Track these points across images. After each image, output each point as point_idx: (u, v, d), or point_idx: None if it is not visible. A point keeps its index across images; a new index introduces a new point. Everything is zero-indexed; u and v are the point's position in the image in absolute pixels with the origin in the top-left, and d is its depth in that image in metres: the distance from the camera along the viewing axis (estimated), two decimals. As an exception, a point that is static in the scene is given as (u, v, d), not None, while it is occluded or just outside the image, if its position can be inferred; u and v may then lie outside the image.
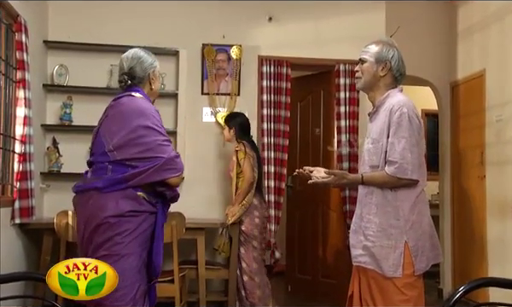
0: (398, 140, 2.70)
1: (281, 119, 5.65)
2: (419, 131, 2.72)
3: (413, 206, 2.73)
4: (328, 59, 5.78)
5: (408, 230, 2.71)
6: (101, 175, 2.75)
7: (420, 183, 2.74)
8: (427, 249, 2.74)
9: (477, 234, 5.80)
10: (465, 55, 6.27)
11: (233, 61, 5.59)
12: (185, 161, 5.29)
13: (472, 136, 6.03)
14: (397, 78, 2.86)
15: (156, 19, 5.53)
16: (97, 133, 2.90)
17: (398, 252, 2.71)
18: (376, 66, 2.87)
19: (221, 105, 5.58)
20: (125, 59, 3.08)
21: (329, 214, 5.92)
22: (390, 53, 2.87)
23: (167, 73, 5.45)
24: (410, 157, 2.68)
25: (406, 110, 2.71)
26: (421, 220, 2.74)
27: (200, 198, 5.43)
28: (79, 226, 2.81)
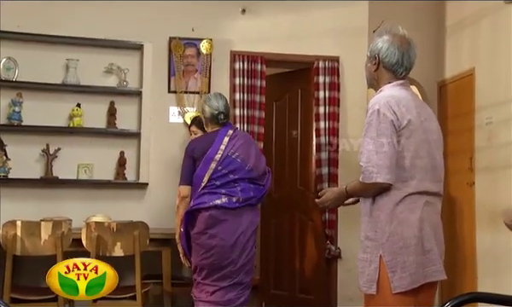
0: (367, 142, 2.69)
1: (255, 120, 5.66)
2: (393, 129, 2.66)
3: (390, 215, 2.68)
4: (307, 55, 5.81)
5: (384, 243, 2.67)
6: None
7: (401, 188, 2.67)
8: (411, 265, 2.64)
9: (466, 245, 5.83)
10: (454, 52, 6.30)
11: (203, 57, 5.60)
12: (150, 165, 5.39)
13: (460, 140, 6.04)
14: (393, 70, 2.84)
15: (119, 9, 5.48)
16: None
17: (373, 267, 2.69)
18: (370, 62, 2.91)
19: (190, 104, 5.58)
20: (221, 98, 4.34)
21: (308, 224, 5.93)
22: (378, 44, 2.86)
23: (130, 69, 5.45)
24: (376, 159, 2.63)
25: (378, 107, 2.69)
26: (401, 232, 2.66)
27: (165, 206, 5.37)
28: (228, 239, 4.01)
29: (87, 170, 5.37)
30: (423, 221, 2.69)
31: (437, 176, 2.79)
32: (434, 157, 2.78)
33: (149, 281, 4.77)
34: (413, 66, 2.91)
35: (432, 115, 2.91)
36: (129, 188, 5.48)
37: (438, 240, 2.76)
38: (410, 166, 2.68)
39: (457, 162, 6.07)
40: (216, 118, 4.26)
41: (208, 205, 3.99)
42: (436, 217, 2.78)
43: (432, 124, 2.84)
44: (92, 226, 4.38)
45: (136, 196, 5.47)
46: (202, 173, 4.06)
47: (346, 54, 5.85)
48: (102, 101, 5.43)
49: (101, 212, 4.94)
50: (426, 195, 2.72)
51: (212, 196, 4.02)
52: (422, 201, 2.71)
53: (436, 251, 2.71)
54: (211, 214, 4.01)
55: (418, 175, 2.70)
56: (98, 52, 5.44)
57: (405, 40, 2.87)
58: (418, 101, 2.88)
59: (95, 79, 5.41)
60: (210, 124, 4.30)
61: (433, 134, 2.82)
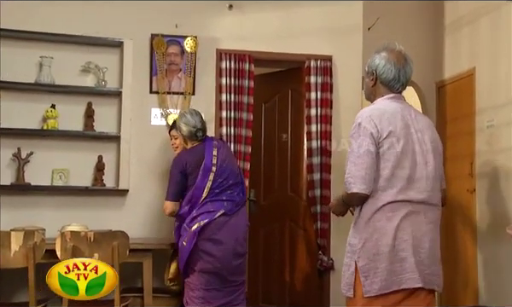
0: (349, 153, 3.05)
1: (242, 123, 5.63)
2: (372, 141, 2.97)
3: (367, 223, 3.00)
4: (298, 53, 5.78)
5: (360, 249, 3.01)
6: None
7: (378, 197, 2.98)
8: (382, 272, 2.95)
9: (466, 255, 5.84)
10: (453, 51, 6.33)
11: (187, 55, 5.57)
12: (130, 171, 5.39)
13: (460, 144, 6.08)
14: (390, 86, 3.15)
15: (97, 3, 5.43)
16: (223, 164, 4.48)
17: (351, 271, 3.05)
18: (368, 78, 3.24)
19: (173, 106, 5.55)
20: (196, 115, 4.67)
21: (299, 233, 5.91)
22: (376, 61, 3.19)
23: (109, 68, 5.40)
24: (354, 170, 2.97)
25: (360, 120, 3.04)
26: (376, 239, 2.97)
27: (147, 214, 5.39)
28: (230, 238, 4.39)
29: (62, 176, 5.31)
30: (400, 230, 2.97)
31: (426, 185, 3.05)
32: (423, 167, 3.05)
33: (129, 295, 4.73)
34: (409, 81, 3.23)
35: (428, 125, 3.19)
36: (107, 195, 5.43)
37: (418, 249, 3.00)
38: (390, 176, 2.98)
39: (457, 167, 6.10)
40: (195, 136, 4.61)
41: (218, 214, 4.38)
42: (422, 227, 3.03)
43: (426, 134, 3.13)
44: (67, 236, 4.31)
45: (116, 204, 5.42)
46: (203, 184, 4.41)
47: (339, 53, 5.83)
48: (79, 101, 5.38)
49: (77, 221, 4.87)
50: (409, 205, 3.00)
51: (216, 204, 4.42)
52: (404, 210, 2.98)
53: (411, 260, 2.96)
54: (217, 221, 4.38)
55: (399, 184, 2.99)
56: (74, 49, 5.39)
57: (402, 56, 3.20)
58: (410, 113, 3.15)
59: (71, 79, 5.36)
60: (189, 141, 4.64)
61: (425, 144, 3.10)
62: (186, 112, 4.71)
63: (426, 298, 3.06)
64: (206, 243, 4.37)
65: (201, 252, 4.38)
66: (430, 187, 3.07)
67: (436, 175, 3.12)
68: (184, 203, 4.48)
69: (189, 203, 4.45)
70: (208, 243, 4.37)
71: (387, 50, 3.21)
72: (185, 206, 4.47)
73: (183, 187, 4.49)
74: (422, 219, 3.04)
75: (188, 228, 4.40)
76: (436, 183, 3.12)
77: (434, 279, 3.10)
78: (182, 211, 4.48)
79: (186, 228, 4.42)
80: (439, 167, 3.16)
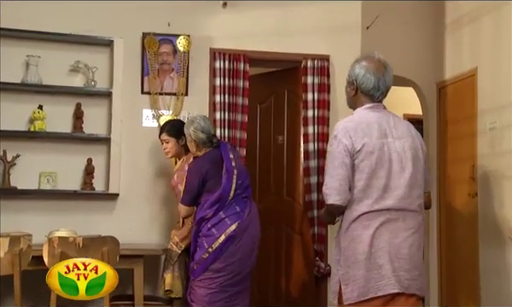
0: (326, 166, 3.27)
1: (237, 125, 5.62)
2: (347, 154, 3.17)
3: (346, 232, 3.22)
4: (294, 53, 5.77)
5: (340, 258, 3.26)
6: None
7: (354, 207, 3.18)
8: (360, 280, 3.15)
9: (468, 262, 5.82)
10: (454, 51, 6.32)
11: (180, 55, 5.55)
12: (121, 174, 5.39)
13: (462, 147, 6.08)
14: (370, 95, 3.32)
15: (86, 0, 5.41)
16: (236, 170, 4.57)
17: (335, 280, 3.29)
18: (349, 87, 3.40)
19: (165, 107, 5.54)
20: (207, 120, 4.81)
21: (295, 238, 5.90)
22: (356, 70, 3.35)
23: (99, 68, 5.37)
24: (330, 181, 3.20)
25: (336, 133, 3.25)
26: (353, 248, 3.18)
27: (138, 218, 5.38)
28: (249, 243, 4.50)
29: (50, 180, 5.28)
30: (376, 237, 3.15)
31: (404, 192, 3.20)
32: (400, 174, 3.20)
33: (119, 303, 4.72)
34: (390, 89, 3.37)
35: (408, 132, 3.32)
36: (97, 200, 5.41)
37: (395, 256, 3.15)
38: (365, 187, 3.17)
39: (458, 171, 6.11)
40: (210, 142, 4.68)
41: (245, 214, 4.52)
42: (400, 233, 3.18)
43: (405, 141, 3.27)
44: (55, 242, 4.26)
45: (106, 208, 5.41)
46: (229, 186, 4.50)
47: (336, 52, 5.82)
48: (67, 102, 5.36)
49: (65, 226, 4.85)
50: (386, 213, 3.17)
51: (240, 204, 4.54)
52: (380, 219, 3.16)
53: (388, 268, 3.13)
54: (241, 221, 4.48)
55: (375, 194, 3.17)
56: (63, 48, 5.37)
57: (381, 65, 3.34)
58: (389, 121, 3.30)
59: (59, 78, 5.34)
60: (203, 148, 4.69)
61: (404, 151, 3.24)
62: (196, 119, 4.73)
63: (406, 303, 3.19)
64: (230, 245, 4.44)
65: (225, 253, 4.44)
66: (408, 194, 3.22)
67: (415, 181, 3.26)
68: (208, 206, 4.49)
69: (215, 205, 4.47)
70: (232, 244, 4.44)
71: (367, 59, 3.36)
72: (208, 209, 4.48)
73: (199, 193, 4.55)
74: (401, 226, 3.19)
75: (216, 232, 4.44)
76: (415, 190, 3.26)
77: (415, 283, 3.20)
78: (203, 213, 4.49)
79: (213, 232, 4.44)
80: (419, 173, 3.29)
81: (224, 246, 4.41)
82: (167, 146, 5.02)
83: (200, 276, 4.45)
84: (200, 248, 4.46)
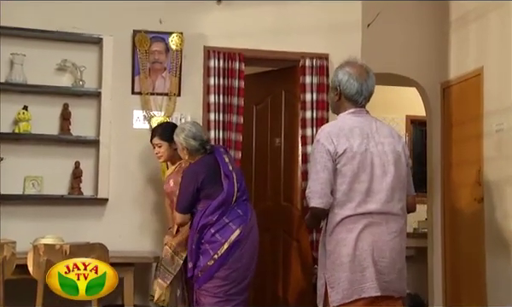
0: (309, 170, 3.53)
1: (232, 127, 5.61)
2: (329, 158, 3.37)
3: (330, 236, 3.42)
4: (292, 52, 5.77)
5: (326, 261, 3.45)
6: None
7: (337, 211, 3.37)
8: (344, 282, 3.35)
9: (474, 270, 5.82)
10: (459, 49, 6.32)
11: (172, 53, 5.55)
12: (110, 178, 5.40)
13: (467, 149, 6.08)
14: (354, 100, 3.54)
15: (74, -3, 5.45)
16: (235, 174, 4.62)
17: (321, 283, 3.48)
18: (332, 93, 3.63)
19: (157, 108, 5.53)
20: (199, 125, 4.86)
21: (292, 245, 5.88)
22: (339, 76, 3.57)
23: (87, 67, 5.37)
24: (312, 185, 3.40)
25: (319, 137, 3.46)
26: (339, 251, 3.38)
27: (128, 224, 5.37)
28: (251, 248, 4.54)
29: (35, 184, 5.27)
30: (360, 240, 3.35)
31: (386, 196, 3.40)
32: (382, 179, 3.40)
33: (108, 313, 4.73)
34: (372, 94, 3.60)
35: (390, 136, 3.54)
36: (85, 205, 5.41)
37: (378, 258, 3.36)
38: (348, 190, 3.37)
39: (463, 175, 6.13)
40: (203, 149, 4.71)
41: (248, 217, 4.58)
42: (383, 236, 3.39)
43: (387, 146, 3.48)
44: (41, 249, 4.23)
45: (94, 214, 5.40)
46: (232, 190, 4.55)
47: (336, 51, 5.77)
48: (54, 103, 5.35)
49: (51, 233, 4.84)
50: (369, 216, 3.37)
51: (242, 207, 4.59)
52: (363, 222, 3.36)
53: (372, 270, 3.33)
54: (245, 225, 4.53)
55: (357, 198, 3.37)
56: (49, 46, 5.36)
57: (363, 70, 3.57)
58: (372, 126, 3.51)
59: (45, 78, 5.33)
60: (195, 155, 4.71)
61: (386, 155, 3.45)
62: (187, 125, 4.78)
63: (387, 304, 3.41)
64: (236, 250, 4.48)
65: (229, 257, 4.46)
66: (390, 197, 3.42)
67: (397, 185, 3.46)
68: (210, 211, 4.50)
69: (218, 210, 4.50)
70: (238, 249, 4.48)
71: (349, 65, 3.58)
72: (211, 215, 4.50)
73: (194, 200, 4.58)
74: (384, 229, 3.40)
75: (220, 237, 4.46)
76: (397, 193, 3.46)
77: (392, 286, 3.42)
78: (206, 220, 4.49)
79: (217, 238, 4.46)
80: (401, 177, 3.49)
81: (231, 252, 4.44)
82: (160, 150, 5.00)
83: (206, 284, 4.46)
84: (204, 255, 4.47)
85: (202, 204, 4.55)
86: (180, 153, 4.80)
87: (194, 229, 4.56)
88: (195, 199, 4.57)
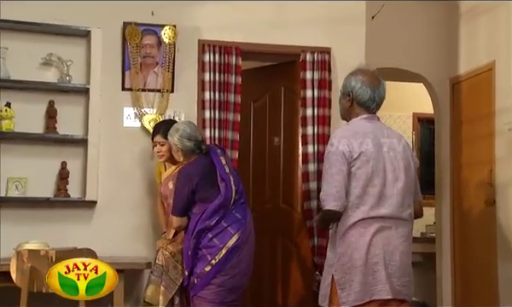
0: (323, 172, 3.71)
1: (228, 125, 5.62)
2: (344, 161, 3.59)
3: (342, 238, 3.63)
4: (292, 45, 5.78)
5: (335, 263, 3.65)
6: None
7: (350, 214, 3.59)
8: (356, 285, 3.57)
9: (485, 277, 5.82)
10: (469, 42, 6.33)
11: (165, 47, 5.55)
12: (99, 179, 5.39)
13: (478, 149, 6.09)
14: (366, 106, 3.78)
15: (61, -13, 5.44)
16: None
17: (327, 283, 3.70)
18: (344, 99, 3.87)
19: (148, 105, 5.54)
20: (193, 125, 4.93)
21: (292, 250, 5.88)
22: (352, 83, 3.81)
23: (74, 61, 5.37)
24: (327, 188, 3.61)
25: (334, 140, 3.69)
26: (351, 253, 3.59)
27: (118, 229, 5.36)
28: (248, 253, 4.62)
29: (19, 186, 5.26)
30: (372, 244, 3.58)
31: (396, 201, 3.64)
32: (393, 184, 3.65)
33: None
34: (383, 101, 3.84)
35: (400, 144, 3.79)
36: (72, 208, 5.40)
37: (389, 262, 3.59)
38: (361, 194, 3.60)
39: (474, 176, 6.15)
40: (199, 149, 4.75)
41: (247, 221, 4.67)
42: (393, 241, 3.63)
43: (398, 152, 3.74)
44: (24, 255, 4.22)
45: (82, 217, 5.39)
46: (229, 193, 4.62)
47: (339, 44, 5.83)
48: (39, 99, 5.34)
49: (36, 238, 4.81)
50: (380, 220, 3.60)
51: (240, 211, 4.67)
52: (375, 226, 3.59)
53: (383, 273, 3.57)
54: (244, 229, 4.62)
55: (370, 201, 3.61)
56: (34, 39, 5.35)
57: (375, 78, 3.84)
58: (383, 133, 3.77)
59: (29, 73, 5.31)
60: (190, 156, 4.76)
61: (397, 162, 3.70)
62: (181, 126, 4.81)
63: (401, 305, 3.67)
64: (234, 255, 4.55)
65: (228, 263, 4.53)
66: (400, 203, 3.66)
67: (407, 191, 3.72)
68: (207, 215, 4.56)
69: (216, 214, 4.57)
70: (236, 254, 4.55)
71: (362, 72, 3.84)
72: (208, 220, 4.55)
73: (190, 202, 4.64)
74: (394, 233, 3.64)
75: (218, 242, 4.53)
76: (407, 199, 3.72)
77: (404, 289, 3.67)
78: (203, 224, 4.55)
79: (215, 243, 4.52)
80: (410, 183, 3.75)
81: (229, 257, 4.50)
82: (162, 149, 4.99)
83: (202, 291, 4.50)
84: (201, 261, 4.52)
85: (198, 207, 4.58)
86: (174, 154, 4.82)
87: (189, 234, 4.58)
88: (191, 201, 4.61)
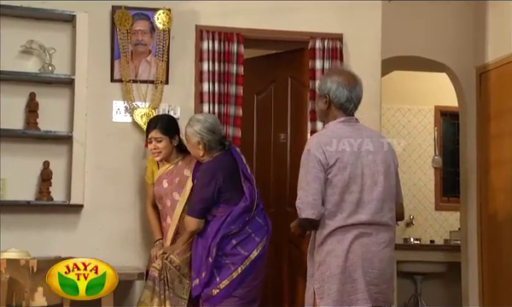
0: (299, 180, 3.90)
1: (229, 120, 5.63)
2: (320, 168, 3.79)
3: (320, 247, 3.87)
4: (299, 31, 5.79)
5: (315, 272, 3.91)
6: None
7: (328, 222, 3.80)
8: (334, 294, 3.78)
9: None
10: (498, 27, 6.34)
11: (158, 33, 5.56)
12: (85, 180, 5.42)
13: (507, 146, 6.12)
14: (344, 108, 3.98)
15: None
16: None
17: (310, 293, 3.95)
18: (320, 101, 4.07)
19: (140, 98, 5.55)
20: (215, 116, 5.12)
21: (300, 258, 5.78)
22: (328, 84, 4.02)
23: (58, 49, 5.38)
24: (303, 195, 3.83)
25: (309, 147, 3.90)
26: (329, 262, 3.82)
27: (107, 235, 5.38)
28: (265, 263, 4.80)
29: None
30: (351, 251, 3.80)
31: (376, 206, 3.84)
32: (372, 189, 3.85)
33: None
34: (360, 101, 4.04)
35: (380, 146, 4.00)
36: (56, 212, 5.41)
37: (368, 269, 3.81)
38: (339, 201, 3.82)
39: (503, 175, 6.19)
40: (220, 144, 4.84)
41: (269, 228, 4.85)
42: (372, 247, 3.83)
43: (378, 155, 3.94)
44: (2, 265, 4.29)
45: (67, 223, 5.41)
46: (253, 195, 4.75)
47: (351, 30, 5.84)
48: (18, 92, 5.36)
49: (15, 246, 4.80)
50: (359, 227, 3.82)
51: (261, 217, 4.80)
52: (353, 233, 3.80)
53: (361, 281, 3.79)
54: (268, 236, 4.80)
55: (348, 209, 3.82)
56: (12, 24, 5.37)
57: (352, 77, 4.07)
58: (362, 135, 3.97)
59: (7, 62, 5.32)
60: (212, 152, 4.82)
61: (376, 165, 3.90)
62: (202, 116, 4.90)
63: None
64: (258, 261, 4.68)
65: (251, 275, 4.64)
66: (380, 208, 3.87)
67: (387, 195, 3.92)
68: (232, 220, 4.64)
69: (241, 218, 4.65)
70: (260, 264, 4.70)
71: (337, 73, 4.13)
72: (233, 225, 4.63)
73: (213, 203, 4.69)
74: (373, 240, 3.85)
75: (243, 250, 4.62)
76: (387, 203, 3.92)
77: (381, 296, 3.89)
78: (228, 229, 4.61)
79: (239, 251, 4.60)
80: (391, 187, 3.96)
81: (253, 268, 4.62)
82: (159, 145, 5.00)
83: (221, 304, 4.55)
84: (221, 270, 4.58)
85: (221, 209, 4.65)
86: (192, 148, 4.83)
87: (209, 239, 4.61)
88: (215, 202, 4.67)
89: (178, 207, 4.95)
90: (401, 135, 8.42)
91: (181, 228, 4.92)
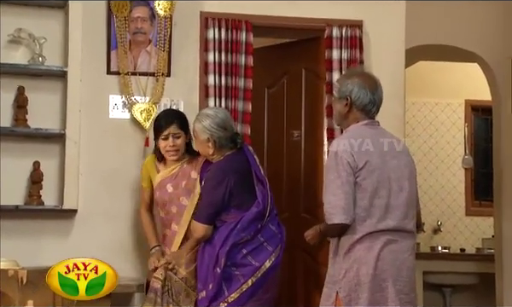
0: (327, 184, 4.04)
1: (237, 115, 5.63)
2: (350, 171, 3.92)
3: (347, 253, 3.98)
4: (315, 18, 5.80)
5: (340, 279, 4.00)
6: None
7: (357, 228, 3.93)
8: (364, 302, 3.90)
9: None
10: None
11: (159, 21, 5.58)
12: (79, 183, 5.43)
13: None
14: (366, 110, 4.13)
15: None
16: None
17: (331, 302, 4.05)
18: (340, 103, 4.21)
19: (140, 92, 5.57)
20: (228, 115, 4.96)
21: (315, 268, 5.90)
22: (348, 86, 4.16)
23: (49, 39, 5.40)
24: (334, 200, 3.94)
25: (336, 149, 4.04)
26: (357, 269, 3.94)
27: (102, 242, 5.35)
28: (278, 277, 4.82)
29: None
30: (380, 259, 3.93)
31: (401, 212, 4.01)
32: (398, 194, 4.02)
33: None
34: (381, 104, 4.21)
35: (403, 150, 4.20)
36: (47, 218, 5.44)
37: (397, 278, 3.96)
38: (368, 206, 3.95)
39: None
40: (234, 142, 4.84)
41: (284, 236, 4.86)
42: (400, 255, 3.99)
43: (402, 159, 4.13)
44: None
45: (59, 229, 5.43)
46: (266, 200, 4.75)
47: (372, 17, 5.86)
48: (5, 86, 5.37)
49: (3, 255, 4.82)
50: (387, 233, 3.96)
51: (275, 224, 4.82)
52: (382, 240, 3.95)
53: (392, 290, 3.93)
54: (282, 245, 4.84)
55: (377, 213, 3.96)
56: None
57: (373, 79, 4.24)
58: (386, 139, 4.14)
59: (-6, 53, 5.36)
60: (222, 150, 4.80)
61: (401, 170, 4.08)
62: (211, 111, 4.91)
63: None
64: (273, 271, 4.70)
65: (263, 287, 4.65)
66: (405, 214, 4.04)
67: (412, 201, 4.11)
68: (243, 227, 4.61)
69: (252, 225, 4.63)
70: (272, 276, 4.71)
71: (357, 75, 4.27)
72: (244, 232, 4.61)
73: (221, 208, 4.67)
74: (400, 247, 4.00)
75: (254, 261, 4.60)
76: (411, 210, 4.11)
77: (411, 306, 4.05)
78: (238, 237, 4.60)
79: (249, 261, 4.59)
80: (414, 192, 4.16)
81: (265, 280, 4.62)
82: (178, 142, 4.95)
83: None
84: (231, 282, 4.56)
85: (232, 215, 4.64)
86: (200, 146, 4.81)
87: (217, 247, 4.60)
88: (226, 206, 4.65)
89: (186, 213, 4.93)
90: (427, 132, 8.44)
91: (190, 235, 4.89)
